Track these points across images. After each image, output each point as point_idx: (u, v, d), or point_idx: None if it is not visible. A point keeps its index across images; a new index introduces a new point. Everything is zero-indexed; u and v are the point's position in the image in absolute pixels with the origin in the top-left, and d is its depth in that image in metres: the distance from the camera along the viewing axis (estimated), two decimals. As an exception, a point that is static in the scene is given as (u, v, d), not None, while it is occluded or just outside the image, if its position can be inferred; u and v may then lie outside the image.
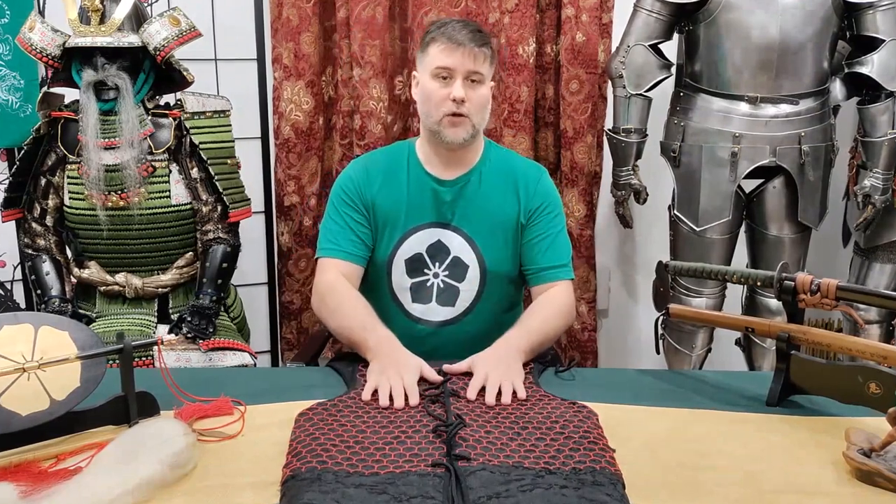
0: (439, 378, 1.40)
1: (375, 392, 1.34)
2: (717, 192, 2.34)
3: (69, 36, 2.04)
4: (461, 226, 1.69)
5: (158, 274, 2.15)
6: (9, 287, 2.58)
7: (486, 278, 1.69)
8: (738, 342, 2.63)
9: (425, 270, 1.70)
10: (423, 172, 1.70)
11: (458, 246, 1.69)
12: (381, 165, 1.74)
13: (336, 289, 1.64)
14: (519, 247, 1.71)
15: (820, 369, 1.32)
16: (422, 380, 1.39)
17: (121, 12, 2.02)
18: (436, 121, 1.62)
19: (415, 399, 1.31)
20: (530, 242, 1.70)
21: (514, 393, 1.34)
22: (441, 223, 1.69)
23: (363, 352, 1.51)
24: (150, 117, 2.09)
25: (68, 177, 2.10)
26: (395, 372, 1.37)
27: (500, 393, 1.34)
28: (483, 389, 1.34)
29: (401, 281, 1.71)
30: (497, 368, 1.39)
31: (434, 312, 1.71)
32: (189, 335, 2.05)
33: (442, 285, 1.70)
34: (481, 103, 1.63)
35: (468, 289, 1.70)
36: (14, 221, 2.21)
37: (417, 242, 1.69)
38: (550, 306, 1.65)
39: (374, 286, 1.73)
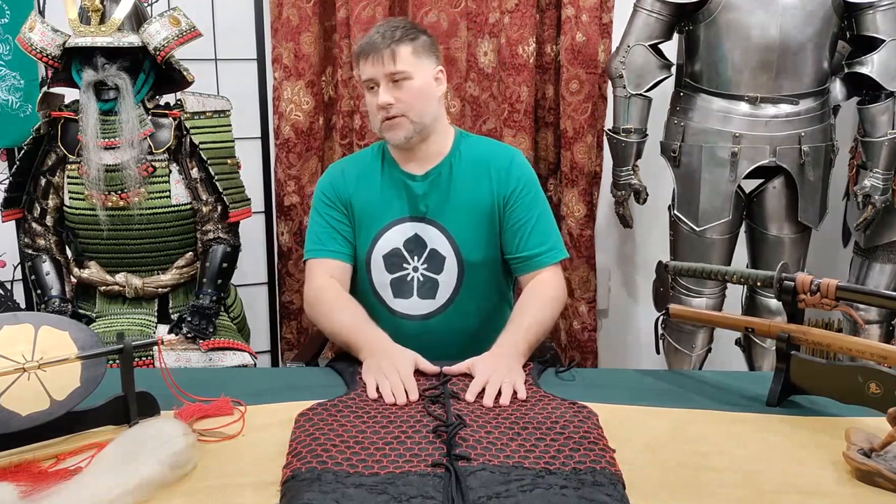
0: (436, 369, 1.41)
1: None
2: (717, 192, 2.34)
3: (69, 36, 2.04)
4: (436, 217, 1.69)
5: (158, 274, 2.15)
6: (9, 287, 2.58)
7: (464, 268, 1.69)
8: (738, 342, 2.63)
9: (404, 265, 1.70)
10: (395, 169, 1.72)
11: (433, 238, 1.69)
12: (356, 166, 1.77)
13: (325, 293, 1.65)
14: (497, 234, 1.70)
15: (820, 369, 1.32)
16: (421, 377, 1.40)
17: (121, 12, 2.02)
18: (378, 128, 1.66)
19: (414, 394, 1.32)
20: (511, 229, 1.69)
21: (515, 393, 1.34)
22: (416, 217, 1.70)
23: (356, 352, 1.52)
24: (150, 117, 2.09)
25: (68, 177, 2.10)
26: (390, 365, 1.38)
27: (499, 394, 1.33)
28: (482, 392, 1.34)
29: (381, 278, 1.72)
30: (497, 371, 1.38)
31: (416, 306, 1.71)
32: (189, 335, 2.05)
33: (422, 278, 1.70)
34: (412, 99, 1.62)
35: (447, 280, 1.70)
36: (14, 221, 2.21)
37: (394, 237, 1.70)
38: (542, 297, 1.65)
39: (357, 285, 1.75)
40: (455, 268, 1.69)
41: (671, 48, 2.45)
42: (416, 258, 1.69)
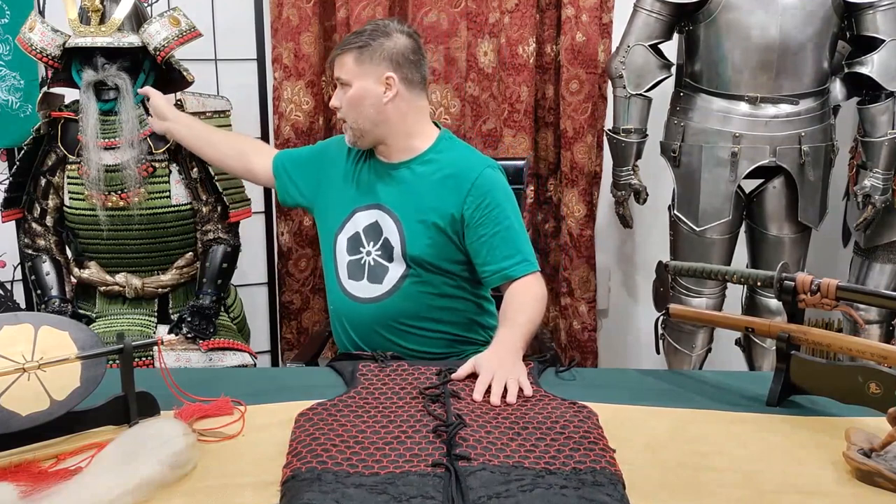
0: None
1: (375, 392, 1.35)
2: (717, 192, 2.34)
3: (69, 36, 2.03)
4: (393, 208, 1.73)
5: (158, 274, 2.14)
6: (9, 287, 2.58)
7: (407, 261, 1.72)
8: (738, 342, 2.63)
9: (360, 249, 1.75)
10: (372, 156, 1.79)
11: (388, 228, 1.73)
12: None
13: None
14: (450, 241, 1.71)
15: (820, 369, 1.32)
16: (423, 379, 1.40)
17: (121, 12, 2.02)
18: None
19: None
20: (478, 241, 1.69)
21: (520, 390, 1.35)
22: (378, 205, 1.75)
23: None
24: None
25: (68, 177, 2.09)
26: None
27: (505, 392, 1.34)
28: (489, 390, 1.35)
29: (342, 258, 1.78)
30: (501, 368, 1.39)
31: (365, 290, 1.75)
32: (189, 335, 2.05)
33: (373, 263, 1.74)
34: (347, 105, 1.71)
35: (395, 269, 1.72)
36: (14, 221, 2.21)
37: (359, 222, 1.76)
38: (527, 295, 1.65)
39: (325, 258, 1.83)
40: (402, 260, 1.72)
41: (671, 48, 2.45)
42: (371, 243, 1.74)
